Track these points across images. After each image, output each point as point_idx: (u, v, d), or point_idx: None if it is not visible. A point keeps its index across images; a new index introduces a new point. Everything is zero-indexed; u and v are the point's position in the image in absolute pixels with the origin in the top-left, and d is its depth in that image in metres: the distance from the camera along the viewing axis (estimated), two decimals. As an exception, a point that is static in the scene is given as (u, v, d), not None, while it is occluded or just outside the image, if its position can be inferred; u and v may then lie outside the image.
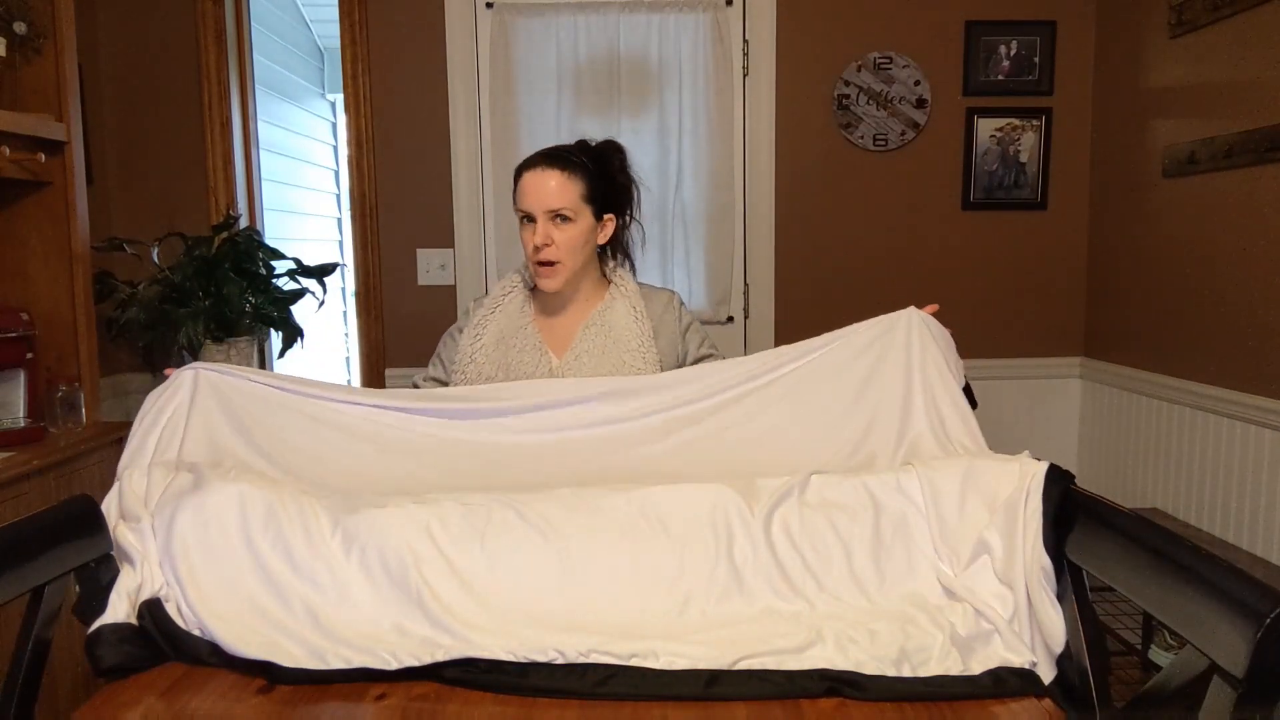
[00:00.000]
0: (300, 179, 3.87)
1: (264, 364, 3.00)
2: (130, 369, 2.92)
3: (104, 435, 2.24)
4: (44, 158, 2.15)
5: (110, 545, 1.19)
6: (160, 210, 2.89)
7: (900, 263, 2.99)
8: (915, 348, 1.43)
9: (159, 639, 1.13)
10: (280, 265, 2.78)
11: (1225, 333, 2.31)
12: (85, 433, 2.22)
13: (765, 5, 2.89)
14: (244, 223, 2.95)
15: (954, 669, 1.07)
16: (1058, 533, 1.09)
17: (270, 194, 3.28)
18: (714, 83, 2.92)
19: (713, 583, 1.20)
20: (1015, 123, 2.94)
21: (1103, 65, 2.89)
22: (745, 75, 2.94)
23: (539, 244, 1.63)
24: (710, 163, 2.96)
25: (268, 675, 1.08)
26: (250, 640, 1.12)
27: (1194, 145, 2.40)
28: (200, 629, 1.14)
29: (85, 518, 1.16)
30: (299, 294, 2.79)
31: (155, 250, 2.70)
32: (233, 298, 2.59)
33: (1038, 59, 2.91)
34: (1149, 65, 2.63)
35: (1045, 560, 1.09)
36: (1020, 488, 1.16)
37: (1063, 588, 1.08)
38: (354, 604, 1.18)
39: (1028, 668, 1.07)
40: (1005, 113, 2.93)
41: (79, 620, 1.15)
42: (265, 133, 3.22)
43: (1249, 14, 2.20)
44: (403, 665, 1.08)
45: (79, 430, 2.23)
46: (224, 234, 2.71)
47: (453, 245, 2.96)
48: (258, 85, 3.10)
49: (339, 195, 4.41)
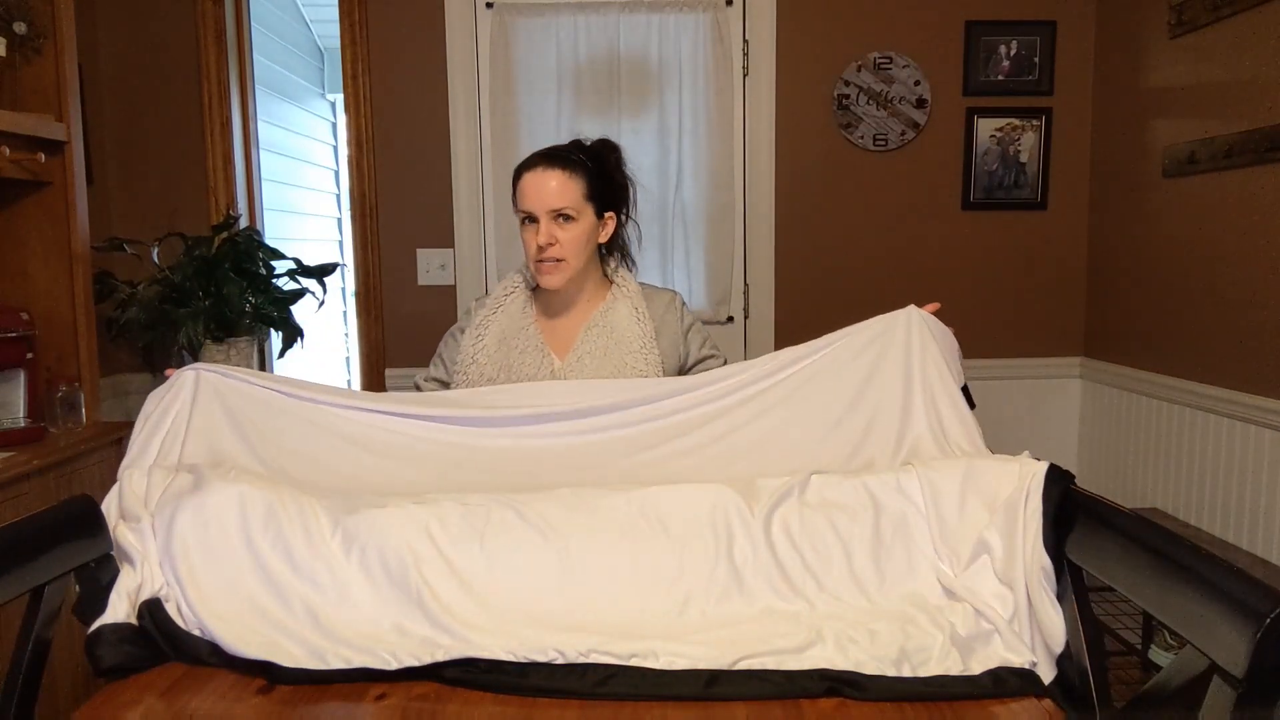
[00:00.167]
0: (300, 179, 3.87)
1: (264, 364, 3.00)
2: (130, 369, 2.92)
3: (104, 435, 2.24)
4: (44, 158, 2.15)
5: (110, 545, 1.19)
6: (160, 210, 2.89)
7: (900, 263, 2.99)
8: (915, 347, 1.41)
9: (159, 639, 1.13)
10: (280, 265, 2.78)
11: (1225, 333, 2.31)
12: (85, 433, 2.22)
13: (765, 5, 2.89)
14: (244, 223, 2.95)
15: (954, 669, 1.07)
16: (1058, 533, 1.09)
17: (270, 194, 3.28)
18: (714, 83, 2.92)
19: (713, 583, 1.20)
20: (1015, 123, 2.94)
21: (1103, 65, 2.89)
22: (745, 75, 2.94)
23: (543, 244, 1.62)
24: (710, 163, 2.96)
25: (268, 675, 1.08)
26: (250, 640, 1.11)
27: (1194, 145, 2.40)
28: (200, 629, 1.14)
29: (85, 518, 1.16)
30: (299, 294, 2.79)
31: (155, 250, 2.70)
32: (233, 298, 2.59)
33: (1038, 59, 2.91)
34: (1149, 65, 2.63)
35: (1045, 560, 1.09)
36: (1020, 488, 1.16)
37: (1063, 588, 1.08)
38: (354, 604, 1.17)
39: (1028, 668, 1.06)
40: (1005, 113, 2.93)
41: (79, 620, 1.15)
42: (265, 133, 3.22)
43: (1249, 14, 2.21)
44: (403, 665, 1.08)
45: (79, 430, 2.23)
46: (224, 234, 2.71)
47: (453, 245, 2.96)
48: (258, 85, 3.10)
49: (339, 195, 4.41)
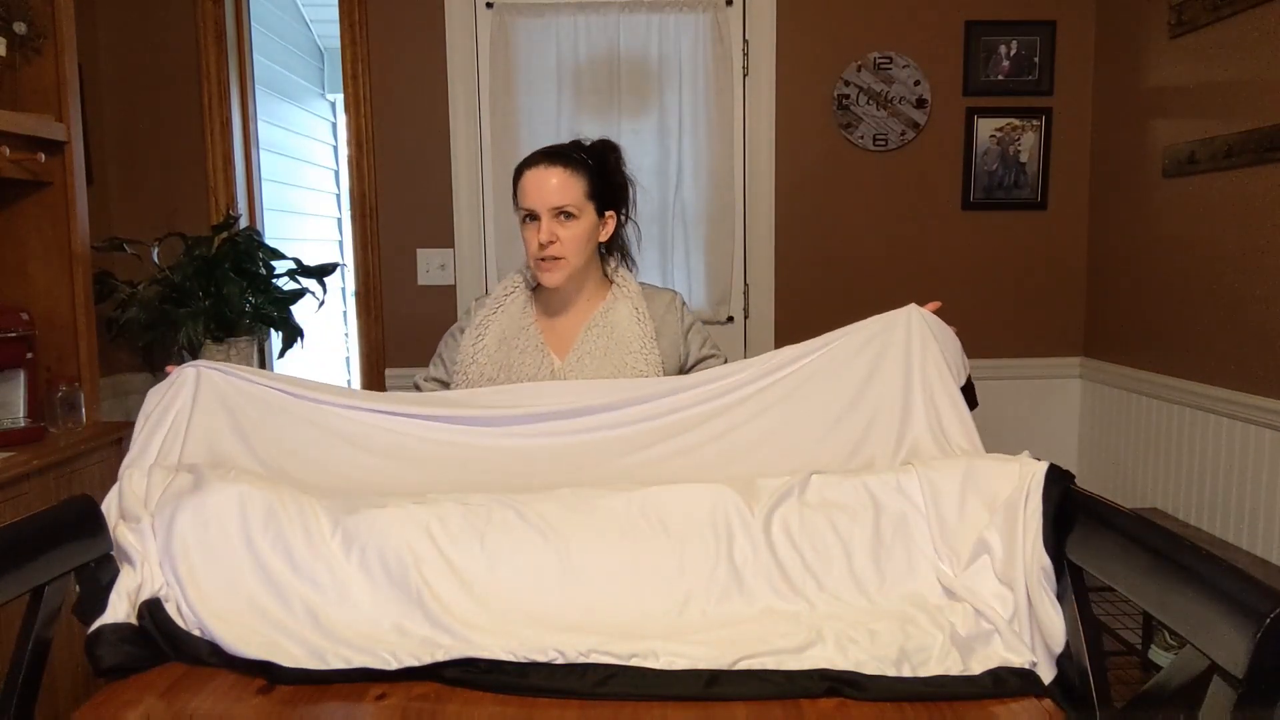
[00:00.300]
0: (300, 179, 3.87)
1: (264, 364, 3.00)
2: (130, 369, 2.92)
3: (104, 435, 2.24)
4: (44, 158, 2.15)
5: (110, 545, 1.19)
6: (160, 210, 2.89)
7: (900, 263, 2.99)
8: (916, 347, 1.41)
9: (159, 639, 1.13)
10: (280, 265, 2.78)
11: (1225, 333, 2.31)
12: (85, 433, 2.22)
13: (765, 5, 2.89)
14: (244, 223, 2.95)
15: (954, 669, 1.07)
16: (1058, 533, 1.09)
17: (270, 194, 3.28)
18: (714, 83, 2.92)
19: (713, 583, 1.20)
20: (1015, 123, 2.94)
21: (1103, 65, 2.89)
22: (745, 75, 2.94)
23: (544, 241, 1.62)
24: (710, 163, 2.96)
25: (268, 675, 1.08)
26: (250, 640, 1.11)
27: (1194, 145, 2.40)
28: (200, 629, 1.14)
29: (85, 518, 1.16)
30: (299, 294, 2.79)
31: (155, 250, 2.70)
32: (233, 298, 2.59)
33: (1038, 59, 2.91)
34: (1149, 65, 2.63)
35: (1045, 560, 1.09)
36: (1020, 488, 1.16)
37: (1063, 588, 1.08)
38: (354, 604, 1.17)
39: (1028, 668, 1.06)
40: (1005, 113, 2.93)
41: (79, 620, 1.15)
42: (265, 133, 3.22)
43: (1249, 14, 2.20)
44: (403, 665, 1.08)
45: (79, 430, 2.23)
46: (224, 234, 2.71)
47: (453, 245, 2.96)
48: (258, 85, 3.10)
49: (339, 195, 4.41)
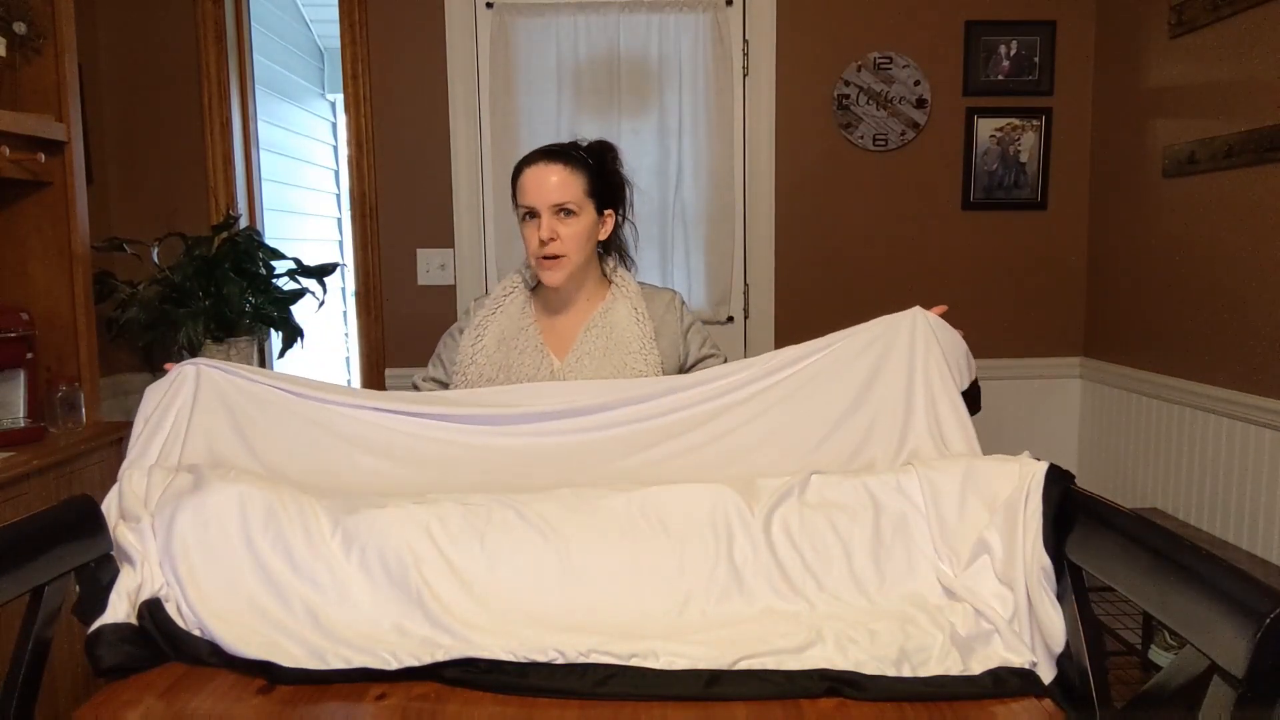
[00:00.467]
0: (300, 179, 3.87)
1: (264, 364, 3.00)
2: (130, 369, 2.91)
3: (104, 435, 2.24)
4: (44, 158, 2.15)
5: (110, 545, 1.19)
6: (160, 210, 2.89)
7: (900, 263, 2.99)
8: (919, 351, 1.40)
9: (159, 639, 1.13)
10: (280, 265, 2.78)
11: (1225, 333, 2.31)
12: (85, 433, 2.22)
13: (765, 5, 2.89)
14: (244, 223, 2.95)
15: (954, 669, 1.07)
16: (1058, 533, 1.09)
17: (270, 194, 3.28)
18: (714, 83, 2.92)
19: (713, 582, 1.20)
20: (1015, 123, 2.94)
21: (1103, 65, 2.89)
22: (745, 75, 2.94)
23: (545, 238, 1.62)
24: (710, 163, 2.96)
25: (268, 675, 1.08)
26: (250, 640, 1.11)
27: (1194, 145, 2.40)
28: (200, 629, 1.14)
29: (85, 518, 1.16)
30: (299, 294, 2.79)
31: (155, 250, 2.70)
32: (233, 298, 2.59)
33: (1038, 59, 2.91)
34: (1149, 65, 2.63)
35: (1045, 560, 1.09)
36: (1020, 488, 1.16)
37: (1063, 588, 1.08)
38: (354, 604, 1.17)
39: (1028, 668, 1.06)
40: (1005, 113, 2.93)
41: (79, 620, 1.15)
42: (265, 133, 3.22)
43: (1249, 14, 2.20)
44: (403, 665, 1.08)
45: (79, 430, 2.23)
46: (224, 234, 2.71)
47: (453, 245, 2.96)
48: (258, 85, 3.10)
49: (339, 195, 4.41)
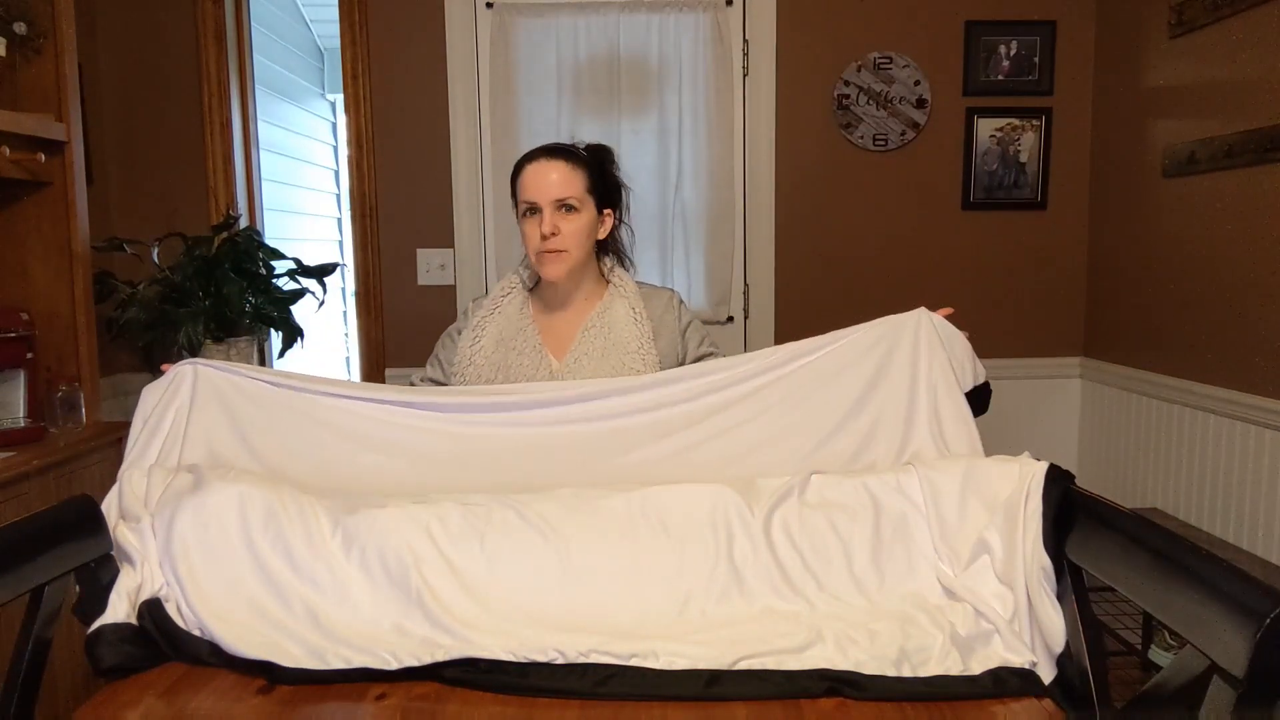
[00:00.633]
0: (300, 179, 3.87)
1: (264, 364, 3.00)
2: (130, 369, 2.91)
3: (104, 435, 2.24)
4: (44, 158, 2.15)
5: (110, 545, 1.19)
6: (160, 210, 2.89)
7: (900, 263, 2.99)
8: (923, 352, 1.39)
9: (159, 639, 1.13)
10: (280, 265, 2.78)
11: (1225, 333, 2.31)
12: (85, 433, 2.22)
13: (765, 5, 2.89)
14: (244, 223, 2.95)
15: (954, 669, 1.07)
16: (1058, 533, 1.09)
17: (270, 194, 3.28)
18: (714, 83, 2.92)
19: (713, 582, 1.20)
20: (1015, 123, 2.94)
21: (1103, 65, 2.89)
22: (745, 75, 2.94)
23: (546, 233, 1.62)
24: (710, 163, 2.96)
25: (268, 675, 1.08)
26: (250, 640, 1.12)
27: (1194, 145, 2.40)
28: (200, 629, 1.14)
29: (85, 518, 1.16)
30: (299, 294, 2.79)
31: (155, 250, 2.70)
32: (233, 298, 2.59)
33: (1038, 59, 2.91)
34: (1149, 65, 2.63)
35: (1045, 560, 1.09)
36: (1020, 488, 1.16)
37: (1063, 588, 1.08)
38: (354, 604, 1.17)
39: (1028, 668, 1.07)
40: (1005, 113, 2.93)
41: (79, 620, 1.15)
42: (265, 133, 3.22)
43: (1249, 14, 2.20)
44: (403, 665, 1.08)
45: (79, 430, 2.23)
46: (224, 234, 2.71)
47: (453, 245, 2.96)
48: (258, 85, 3.10)
49: (339, 195, 4.41)
